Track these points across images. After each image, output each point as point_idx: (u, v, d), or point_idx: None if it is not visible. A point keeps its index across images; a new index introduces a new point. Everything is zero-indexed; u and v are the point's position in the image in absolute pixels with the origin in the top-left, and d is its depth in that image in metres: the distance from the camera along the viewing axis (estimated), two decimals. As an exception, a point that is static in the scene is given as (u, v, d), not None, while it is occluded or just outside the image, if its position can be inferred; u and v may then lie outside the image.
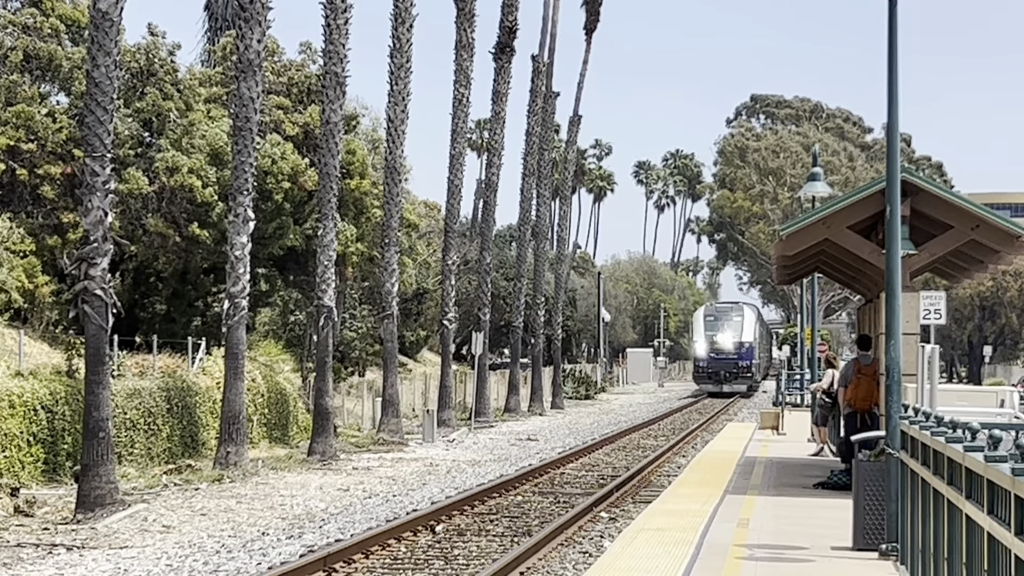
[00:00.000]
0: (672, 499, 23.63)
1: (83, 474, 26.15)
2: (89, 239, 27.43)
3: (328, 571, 18.43)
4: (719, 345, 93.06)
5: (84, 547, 21.85)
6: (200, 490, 29.82)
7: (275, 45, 47.71)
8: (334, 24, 40.73)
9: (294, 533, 23.61)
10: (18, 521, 24.81)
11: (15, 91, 42.20)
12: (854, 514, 16.83)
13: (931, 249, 23.41)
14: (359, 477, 33.99)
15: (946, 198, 23.95)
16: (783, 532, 18.38)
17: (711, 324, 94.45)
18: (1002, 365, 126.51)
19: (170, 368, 37.94)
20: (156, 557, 20.83)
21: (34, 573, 19.37)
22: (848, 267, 29.32)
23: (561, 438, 50.22)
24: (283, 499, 28.77)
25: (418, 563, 19.74)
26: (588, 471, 35.00)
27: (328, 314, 39.98)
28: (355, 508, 27.48)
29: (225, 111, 42.45)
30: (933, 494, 11.05)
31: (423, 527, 23.06)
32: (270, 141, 43.81)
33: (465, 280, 65.17)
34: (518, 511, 26.26)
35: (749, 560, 15.81)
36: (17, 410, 28.08)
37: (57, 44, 43.01)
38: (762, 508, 21.34)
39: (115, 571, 19.51)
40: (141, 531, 23.81)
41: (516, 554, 19.33)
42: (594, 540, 22.07)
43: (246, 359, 36.17)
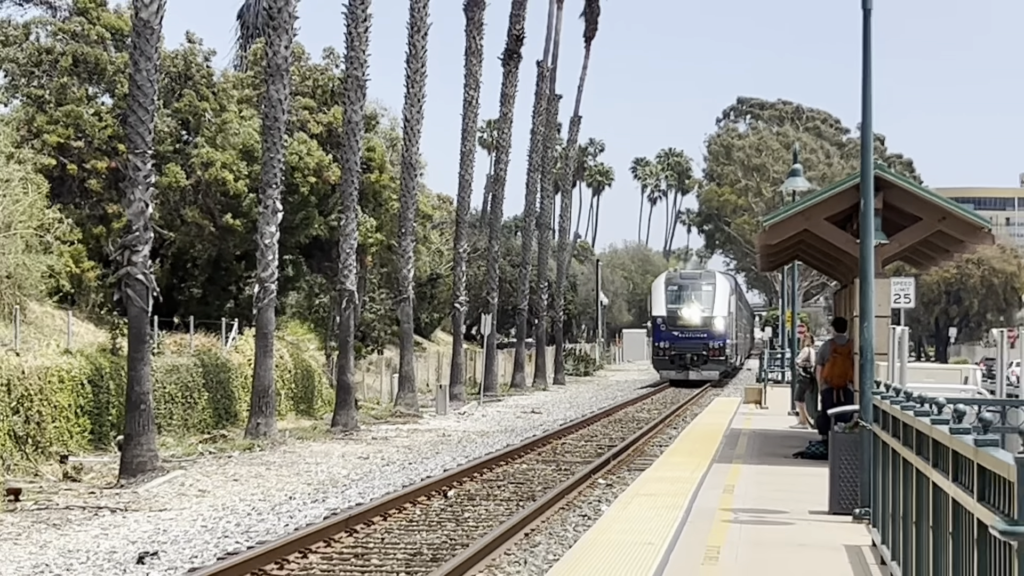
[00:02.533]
0: (664, 467, 23.63)
1: (126, 443, 26.24)
2: (132, 228, 27.50)
3: (350, 531, 18.43)
4: (684, 321, 69.02)
5: (127, 509, 21.89)
6: (232, 458, 29.89)
7: (301, 51, 47.69)
8: (355, 32, 40.72)
9: (318, 497, 23.64)
10: (67, 486, 24.90)
11: (65, 93, 42.29)
12: (830, 481, 16.86)
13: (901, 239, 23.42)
14: (378, 446, 34.02)
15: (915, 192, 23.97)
16: (765, 497, 18.41)
17: (674, 295, 70.36)
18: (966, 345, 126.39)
19: (205, 346, 38.00)
20: (192, 519, 20.89)
21: (81, 533, 19.41)
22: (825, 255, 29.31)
23: (562, 411, 50.18)
24: (308, 466, 28.83)
25: (432, 525, 19.77)
26: (587, 441, 34.98)
27: (350, 297, 40.03)
28: (374, 474, 27.53)
29: (256, 111, 42.43)
30: (903, 463, 11.08)
31: (436, 492, 23.07)
32: (297, 139, 43.82)
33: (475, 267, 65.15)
34: (523, 478, 26.27)
35: (734, 523, 15.87)
36: (66, 384, 28.18)
37: (103, 50, 43.04)
38: (746, 476, 21.36)
39: (155, 531, 19.56)
40: (179, 495, 23.86)
41: (521, 517, 19.34)
42: (592, 504, 22.08)
43: (275, 338, 36.22)
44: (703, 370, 68.78)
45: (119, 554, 17.52)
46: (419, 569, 15.82)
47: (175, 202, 42.15)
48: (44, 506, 22.25)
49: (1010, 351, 35.96)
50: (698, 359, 68.76)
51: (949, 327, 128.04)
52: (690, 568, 12.81)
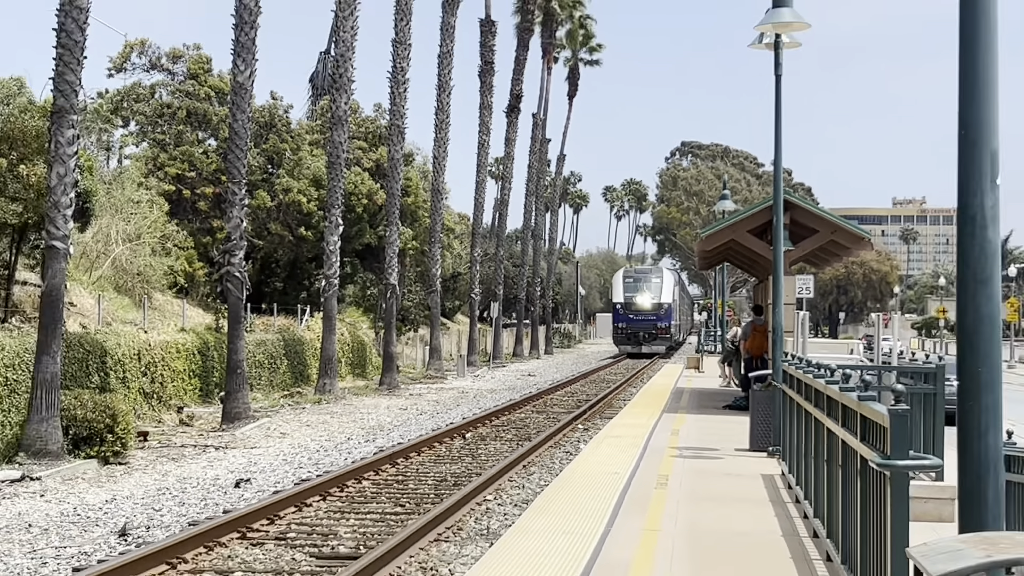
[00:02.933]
0: (626, 416, 23.70)
1: (226, 398, 26.33)
2: (230, 238, 27.58)
3: (393, 464, 18.51)
4: (638, 306, 66.40)
5: (227, 447, 22.04)
6: (305, 409, 29.98)
7: (356, 106, 47.68)
8: (397, 92, 40.74)
9: (369, 438, 23.75)
10: (182, 430, 25.01)
11: (181, 137, 42.40)
12: (750, 427, 16.93)
13: (803, 246, 23.48)
14: (413, 400, 34.12)
15: (814, 211, 24.02)
16: (702, 438, 18.48)
17: (630, 286, 67.80)
18: (852, 326, 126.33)
19: (285, 326, 38.07)
20: (275, 454, 21.02)
21: (193, 464, 19.52)
22: (747, 258, 29.38)
23: (551, 374, 50.23)
24: (361, 415, 28.92)
25: (454, 458, 19.86)
26: (569, 397, 35.07)
27: (392, 289, 40.13)
28: (411, 421, 27.63)
29: (322, 151, 42.42)
30: (804, 413, 11.15)
31: (457, 434, 23.17)
32: (353, 171, 43.87)
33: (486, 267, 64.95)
34: (522, 424, 26.35)
35: (679, 457, 15.93)
36: (181, 354, 28.27)
37: (209, 104, 43.12)
38: (688, 423, 21.42)
39: (248, 463, 19.67)
40: (265, 436, 24.00)
41: (521, 452, 19.44)
42: (573, 444, 22.16)
43: (337, 320, 36.25)
44: (653, 345, 65.89)
45: (221, 480, 17.62)
46: (445, 491, 15.87)
47: (263, 218, 42.20)
48: (165, 445, 22.38)
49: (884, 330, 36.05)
50: (649, 336, 66.09)
51: (839, 312, 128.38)
52: (646, 491, 12.86)
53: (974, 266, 4.62)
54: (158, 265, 34.17)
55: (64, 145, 19.90)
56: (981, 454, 4.53)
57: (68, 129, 19.96)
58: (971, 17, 4.61)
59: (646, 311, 65.84)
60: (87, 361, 23.14)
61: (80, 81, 20.33)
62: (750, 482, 13.67)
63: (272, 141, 44.25)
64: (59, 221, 19.85)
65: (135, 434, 21.51)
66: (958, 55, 4.62)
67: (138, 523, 14.00)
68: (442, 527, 13.15)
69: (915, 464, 6.37)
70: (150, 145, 42.94)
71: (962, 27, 4.62)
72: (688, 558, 9.36)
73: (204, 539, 11.99)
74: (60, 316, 19.85)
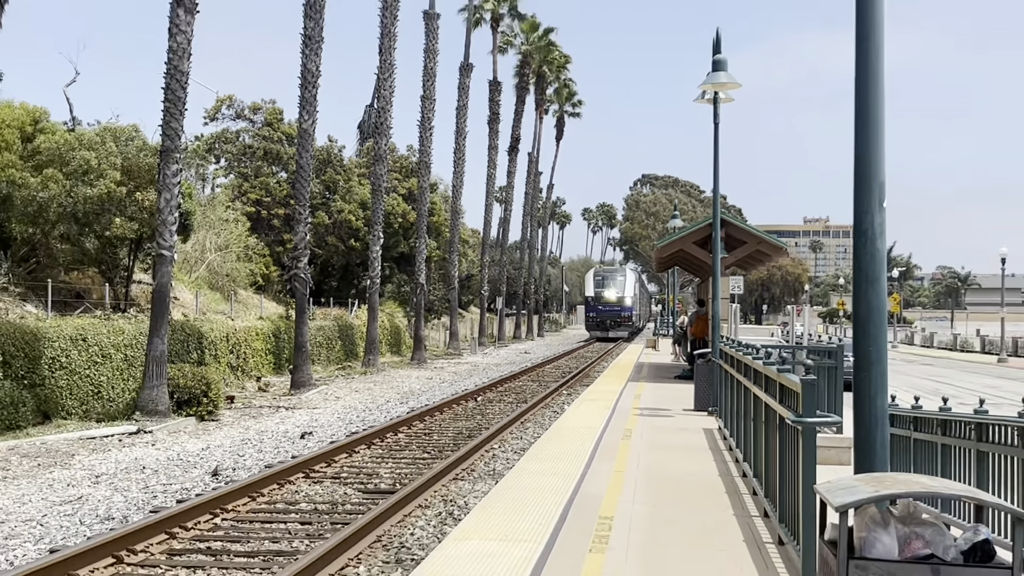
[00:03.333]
0: (600, 384, 23.72)
1: (294, 370, 26.33)
2: (297, 248, 27.56)
3: (421, 420, 18.53)
4: (605, 299, 62.94)
5: (294, 408, 22.05)
6: (354, 379, 29.97)
7: (393, 146, 47.58)
8: (424, 136, 40.71)
9: (403, 401, 23.74)
10: (260, 395, 24.99)
11: (259, 171, 42.37)
12: (695, 392, 16.96)
13: (736, 254, 23.48)
14: (437, 372, 34.11)
15: (743, 227, 24.01)
16: (658, 401, 18.49)
17: (599, 283, 64.05)
18: (772, 315, 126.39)
19: (339, 315, 38.05)
20: (332, 413, 21.02)
21: (268, 421, 19.53)
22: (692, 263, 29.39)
23: (543, 352, 50.18)
24: (397, 383, 28.92)
25: (468, 416, 19.86)
26: (556, 369, 35.10)
27: (421, 287, 40.07)
28: (435, 388, 27.62)
29: (367, 181, 42.37)
30: (735, 382, 11.18)
31: (470, 398, 23.19)
32: (391, 197, 43.81)
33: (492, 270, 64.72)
34: (520, 390, 26.37)
35: (641, 415, 15.94)
36: (259, 336, 28.26)
37: (281, 145, 43.06)
38: (647, 389, 21.45)
39: (310, 420, 19.67)
40: (324, 399, 24.01)
41: (519, 412, 19.46)
42: (559, 405, 22.17)
43: (378, 310, 36.20)
44: (617, 331, 62.97)
45: (290, 433, 17.61)
46: (461, 441, 15.87)
47: (322, 233, 42.10)
48: (247, 406, 22.38)
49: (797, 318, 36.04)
50: (614, 323, 62.72)
51: (763, 304, 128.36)
52: (615, 441, 12.86)
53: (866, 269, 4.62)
54: (242, 268, 34.22)
55: (170, 177, 19.92)
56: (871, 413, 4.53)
57: (173, 164, 19.97)
58: (863, 79, 4.61)
59: (612, 303, 62.93)
60: (187, 342, 23.16)
61: (182, 127, 20.35)
62: (694, 434, 13.66)
63: (329, 173, 44.18)
64: (166, 235, 19.87)
65: (224, 398, 21.54)
66: (854, 106, 4.62)
67: (226, 466, 14.01)
68: (459, 469, 13.16)
69: (821, 421, 6.37)
70: (235, 177, 42.94)
71: (857, 86, 4.62)
72: (646, 491, 9.36)
73: (277, 478, 12.00)
74: (167, 308, 19.87)
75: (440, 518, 10.33)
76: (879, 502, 3.54)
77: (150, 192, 22.40)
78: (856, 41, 4.60)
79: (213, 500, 10.41)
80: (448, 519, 10.26)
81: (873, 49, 4.57)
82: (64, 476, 13.12)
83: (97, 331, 19.45)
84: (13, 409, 16.84)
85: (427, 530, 9.79)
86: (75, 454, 15.09)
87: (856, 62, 4.59)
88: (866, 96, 4.59)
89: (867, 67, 4.58)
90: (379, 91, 36.95)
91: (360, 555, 8.83)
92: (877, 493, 3.52)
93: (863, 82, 4.59)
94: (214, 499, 10.44)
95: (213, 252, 32.50)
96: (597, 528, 7.73)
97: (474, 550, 6.99)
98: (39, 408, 17.70)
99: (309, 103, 27.62)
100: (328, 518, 10.26)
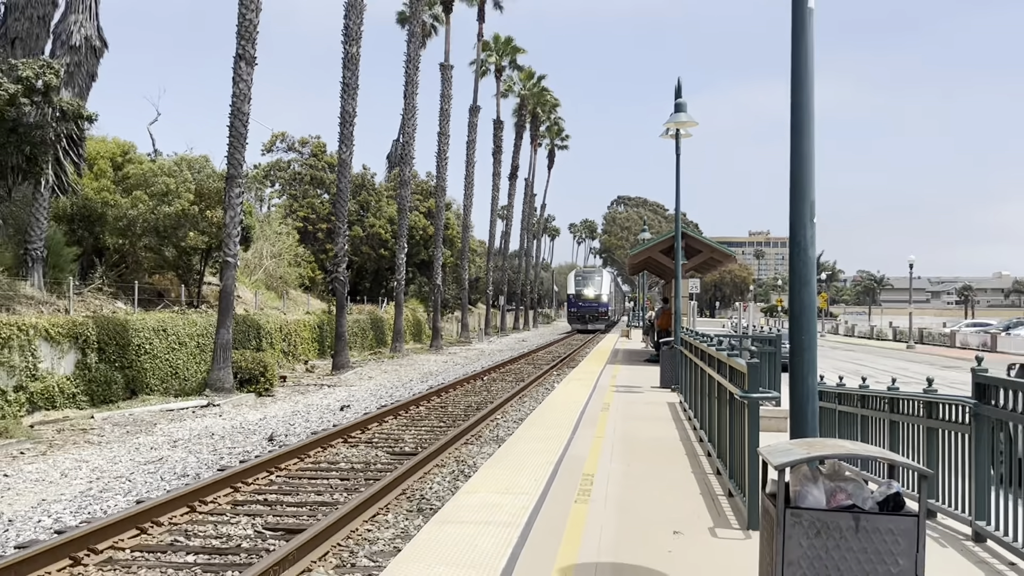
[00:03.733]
0: (584, 366, 23.68)
1: (335, 355, 26.30)
2: (337, 256, 27.53)
3: (438, 396, 18.53)
4: (585, 296, 59.53)
5: (335, 386, 22.04)
6: (384, 362, 29.95)
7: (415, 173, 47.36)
8: (440, 165, 40.76)
9: (423, 380, 23.70)
10: (307, 375, 24.96)
11: (306, 192, 42.26)
12: (660, 373, 16.94)
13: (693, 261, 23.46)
14: (451, 357, 34.05)
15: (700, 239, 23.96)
16: (631, 379, 18.48)
17: (579, 282, 60.82)
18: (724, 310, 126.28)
19: (371, 310, 37.98)
20: (365, 390, 20.99)
21: (313, 396, 19.52)
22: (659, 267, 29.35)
23: (537, 341, 50.08)
24: (419, 366, 28.90)
25: (476, 392, 19.84)
26: (548, 353, 35.10)
27: (438, 288, 40.05)
28: (449, 370, 27.56)
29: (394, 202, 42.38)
30: (694, 365, 11.19)
31: (478, 377, 23.15)
32: (413, 214, 43.74)
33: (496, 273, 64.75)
34: (519, 371, 26.35)
35: (617, 392, 15.93)
36: (307, 327, 28.22)
37: (324, 172, 42.97)
38: (622, 370, 21.40)
39: (348, 395, 19.65)
40: (359, 379, 23.99)
41: (518, 388, 19.45)
42: (550, 384, 22.17)
43: (403, 306, 36.18)
44: (595, 324, 59.86)
45: (332, 406, 17.60)
46: (471, 412, 15.85)
47: (357, 243, 41.99)
48: (296, 384, 22.37)
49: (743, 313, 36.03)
50: (592, 317, 59.31)
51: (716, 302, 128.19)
52: (596, 413, 12.84)
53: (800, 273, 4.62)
54: (292, 272, 34.16)
55: (234, 198, 19.90)
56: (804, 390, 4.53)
57: (236, 188, 19.95)
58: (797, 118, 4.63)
59: (591, 299, 60.04)
60: (248, 332, 23.14)
61: (244, 158, 20.33)
62: (660, 407, 13.65)
63: (363, 195, 44.06)
64: (231, 245, 19.85)
65: (278, 377, 21.53)
66: (790, 140, 4.63)
67: (280, 432, 14.00)
68: (469, 435, 13.15)
69: (763, 396, 6.37)
70: (287, 198, 42.82)
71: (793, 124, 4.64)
72: (621, 452, 9.35)
73: (320, 443, 11.99)
74: (231, 304, 19.85)
75: (453, 475, 10.32)
76: (810, 462, 3.54)
77: (218, 210, 22.40)
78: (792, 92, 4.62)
79: (269, 460, 10.41)
80: (460, 476, 10.26)
81: (805, 96, 4.59)
82: (148, 441, 13.12)
83: (175, 323, 19.46)
84: (107, 386, 16.85)
85: (443, 485, 9.79)
86: (157, 423, 15.09)
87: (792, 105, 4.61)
88: (800, 131, 4.61)
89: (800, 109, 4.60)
90: (404, 128, 36.97)
91: (388, 505, 8.83)
92: (809, 455, 3.53)
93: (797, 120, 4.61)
94: (269, 460, 10.44)
95: (269, 259, 32.46)
96: (581, 483, 7.73)
97: (481, 501, 6.99)
98: (128, 386, 17.71)
99: (347, 138, 27.64)
100: (362, 475, 10.25)
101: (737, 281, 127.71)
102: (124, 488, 9.85)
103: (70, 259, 20.45)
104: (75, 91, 18.67)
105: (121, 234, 22.30)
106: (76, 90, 18.80)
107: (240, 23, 20.23)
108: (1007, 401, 5.35)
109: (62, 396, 15.76)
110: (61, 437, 13.50)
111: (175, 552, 7.09)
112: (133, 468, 11.03)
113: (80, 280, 20.48)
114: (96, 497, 9.37)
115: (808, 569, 3.36)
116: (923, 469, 3.50)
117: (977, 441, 5.67)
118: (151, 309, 21.58)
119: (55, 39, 18.92)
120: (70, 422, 14.84)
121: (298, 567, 6.60)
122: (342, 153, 27.61)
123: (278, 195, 43.97)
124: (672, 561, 5.38)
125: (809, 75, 4.57)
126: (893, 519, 3.32)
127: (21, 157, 16.07)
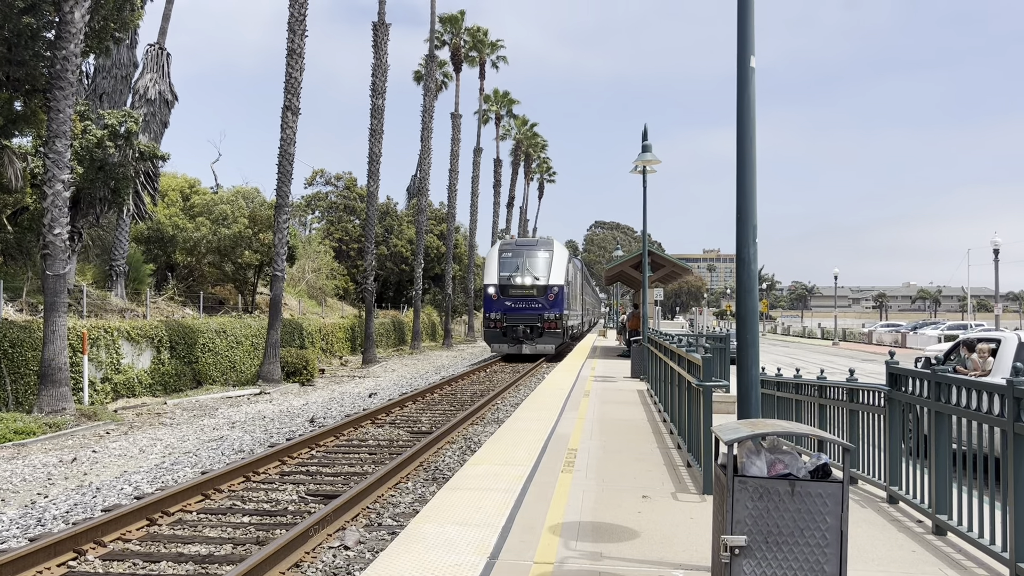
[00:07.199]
0: (569, 359, 23.51)
1: (364, 351, 26.20)
2: (366, 271, 27.46)
3: (449, 385, 18.41)
4: (517, 290, 23.77)
5: (364, 377, 21.94)
6: (404, 358, 29.81)
7: (430, 202, 47.22)
8: (451, 196, 40.74)
9: (438, 372, 23.53)
10: (341, 369, 24.87)
11: (341, 219, 42.20)
12: (631, 365, 16.89)
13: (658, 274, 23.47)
14: (459, 353, 33.89)
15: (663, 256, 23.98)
16: (608, 371, 18.39)
17: (507, 263, 23.94)
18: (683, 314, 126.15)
19: (394, 315, 37.84)
20: (389, 380, 20.86)
21: (347, 385, 19.44)
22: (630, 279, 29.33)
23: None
24: (433, 360, 28.75)
25: (481, 382, 19.70)
26: (539, 350, 34.96)
27: (449, 296, 39.98)
28: (459, 363, 27.42)
29: (413, 226, 42.39)
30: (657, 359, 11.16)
31: (483, 369, 22.94)
32: (428, 236, 43.72)
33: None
34: (518, 365, 26.28)
35: (596, 381, 15.86)
36: (341, 329, 28.09)
37: (356, 202, 42.93)
38: (600, 363, 21.31)
39: (375, 385, 19.56)
40: (384, 371, 23.87)
41: (515, 378, 19.37)
42: (541, 374, 22.01)
43: (420, 312, 36.08)
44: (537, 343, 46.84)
45: (362, 393, 17.53)
46: (478, 399, 15.78)
47: (383, 260, 41.95)
48: (333, 376, 22.29)
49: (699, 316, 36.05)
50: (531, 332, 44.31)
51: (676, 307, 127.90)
52: (578, 398, 12.81)
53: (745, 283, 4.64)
54: (329, 284, 34.08)
55: (281, 223, 19.89)
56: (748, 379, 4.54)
57: (283, 215, 19.94)
58: (742, 157, 4.66)
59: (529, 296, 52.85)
60: (293, 333, 23.08)
61: (290, 190, 20.33)
62: (631, 394, 13.62)
63: (388, 220, 44.01)
64: (279, 262, 19.82)
65: (317, 370, 21.48)
66: (736, 174, 4.65)
67: (319, 415, 13.95)
68: (474, 418, 13.11)
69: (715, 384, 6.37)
70: (325, 223, 42.81)
71: (738, 161, 4.66)
72: (599, 431, 9.33)
73: (353, 424, 11.95)
74: (279, 310, 19.81)
75: (462, 450, 10.29)
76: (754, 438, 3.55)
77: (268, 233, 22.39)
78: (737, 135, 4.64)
79: (310, 438, 10.37)
80: (467, 451, 10.23)
81: (748, 140, 4.62)
82: (211, 423, 13.07)
83: (233, 326, 19.41)
84: (177, 378, 16.80)
85: (453, 458, 9.75)
86: (218, 408, 15.04)
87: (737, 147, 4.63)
88: (744, 167, 4.64)
89: (744, 150, 4.63)
90: (420, 165, 37.02)
91: (408, 475, 8.80)
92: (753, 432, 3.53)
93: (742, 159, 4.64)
94: (311, 438, 10.40)
95: (310, 273, 32.42)
96: (566, 456, 7.71)
97: (485, 471, 6.97)
98: (194, 377, 17.66)
99: (374, 174, 27.66)
100: (387, 450, 10.21)
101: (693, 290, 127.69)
102: (191, 461, 9.82)
103: (147, 273, 20.45)
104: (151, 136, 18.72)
105: (188, 253, 22.30)
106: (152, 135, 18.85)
107: (287, 80, 20.28)
108: (914, 388, 5.37)
109: (140, 386, 15.72)
110: (140, 420, 13.45)
111: (233, 514, 7.07)
112: (199, 445, 10.99)
113: (155, 291, 20.46)
114: (168, 469, 9.34)
115: (753, 526, 3.36)
116: (846, 444, 3.51)
117: (890, 421, 5.68)
118: (213, 314, 21.55)
119: (134, 93, 19.00)
120: (147, 407, 14.80)
121: (335, 525, 6.59)
122: (370, 187, 27.65)
123: (318, 220, 43.97)
124: (641, 520, 5.38)
125: (751, 121, 4.60)
126: (822, 485, 3.33)
127: (107, 190, 16.11)
